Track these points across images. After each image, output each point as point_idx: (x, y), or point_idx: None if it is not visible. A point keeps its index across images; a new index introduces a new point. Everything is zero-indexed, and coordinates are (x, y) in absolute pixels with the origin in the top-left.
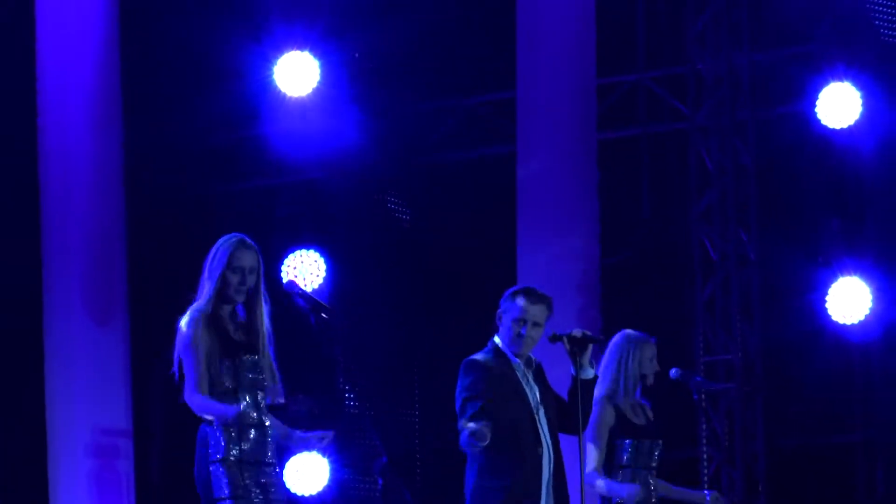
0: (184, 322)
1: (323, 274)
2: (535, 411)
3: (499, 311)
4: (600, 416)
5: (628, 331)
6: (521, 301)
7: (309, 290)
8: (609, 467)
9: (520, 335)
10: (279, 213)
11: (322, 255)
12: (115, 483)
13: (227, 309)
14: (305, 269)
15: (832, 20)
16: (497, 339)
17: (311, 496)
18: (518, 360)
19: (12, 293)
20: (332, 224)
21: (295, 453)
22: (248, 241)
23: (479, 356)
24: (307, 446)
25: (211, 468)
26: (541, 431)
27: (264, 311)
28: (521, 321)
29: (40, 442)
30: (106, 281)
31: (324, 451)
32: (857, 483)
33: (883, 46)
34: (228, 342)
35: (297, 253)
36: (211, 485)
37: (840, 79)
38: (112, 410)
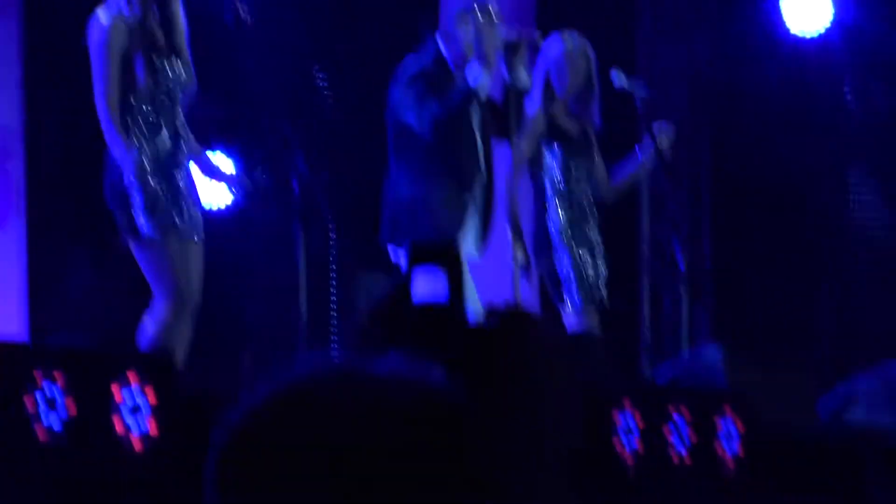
0: (94, 24)
1: None
2: (471, 119)
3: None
4: (533, 119)
5: (559, 35)
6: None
7: None
8: (537, 168)
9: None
10: None
11: None
12: (5, 184)
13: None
14: None
15: None
16: (439, 42)
17: (218, 209)
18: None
19: None
20: None
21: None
22: None
23: (415, 64)
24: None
25: (120, 173)
26: (478, 146)
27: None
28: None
29: None
30: None
31: (231, 155)
32: (809, 203)
33: None
34: (147, 43)
35: None
36: (123, 189)
37: None
38: (1, 105)
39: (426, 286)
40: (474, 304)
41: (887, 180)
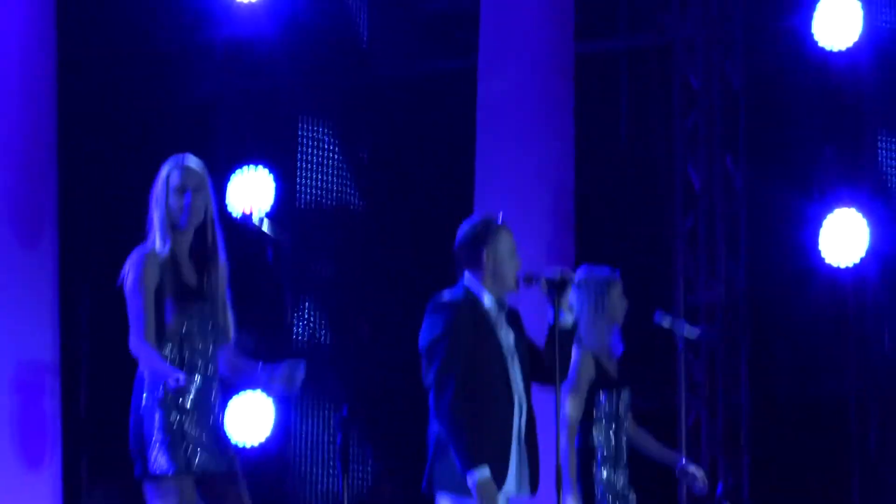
0: (129, 263)
1: (272, 194)
2: (507, 359)
3: (473, 246)
4: (581, 368)
5: (591, 269)
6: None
7: (261, 214)
8: (587, 421)
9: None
10: (223, 128)
11: (271, 172)
12: (40, 421)
13: (183, 242)
14: (252, 189)
15: None
16: (467, 280)
17: (253, 447)
18: (491, 303)
19: None
20: (281, 139)
21: (249, 388)
22: (189, 157)
23: (447, 296)
24: (269, 388)
25: (143, 408)
26: (512, 381)
27: (218, 242)
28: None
29: None
30: (33, 198)
31: (271, 392)
32: (849, 438)
33: None
34: (178, 285)
35: (244, 169)
36: (143, 426)
37: None
38: (37, 343)
39: None
40: None
41: None
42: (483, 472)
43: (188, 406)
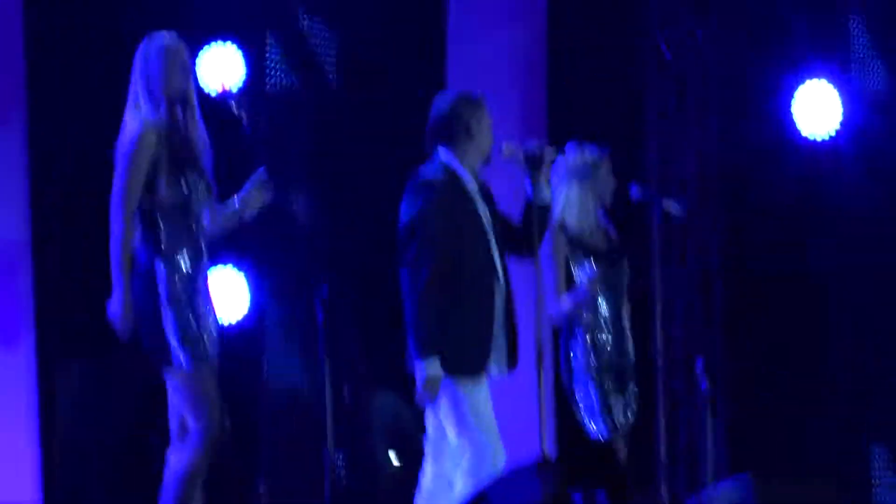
0: (130, 131)
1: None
2: (489, 233)
3: (451, 121)
4: (554, 245)
5: (579, 146)
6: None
7: (235, 90)
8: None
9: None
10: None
11: (240, 48)
12: (13, 303)
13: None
14: (222, 66)
15: None
16: (443, 155)
17: (230, 325)
18: (469, 177)
19: None
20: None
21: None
22: (166, 33)
23: (426, 174)
24: (249, 202)
25: (154, 305)
26: (494, 257)
27: (197, 114)
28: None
29: None
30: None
31: (243, 269)
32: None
33: None
34: (175, 152)
35: (213, 45)
36: (157, 323)
37: None
38: (8, 223)
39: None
40: (494, 432)
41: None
42: (434, 367)
43: (195, 296)
